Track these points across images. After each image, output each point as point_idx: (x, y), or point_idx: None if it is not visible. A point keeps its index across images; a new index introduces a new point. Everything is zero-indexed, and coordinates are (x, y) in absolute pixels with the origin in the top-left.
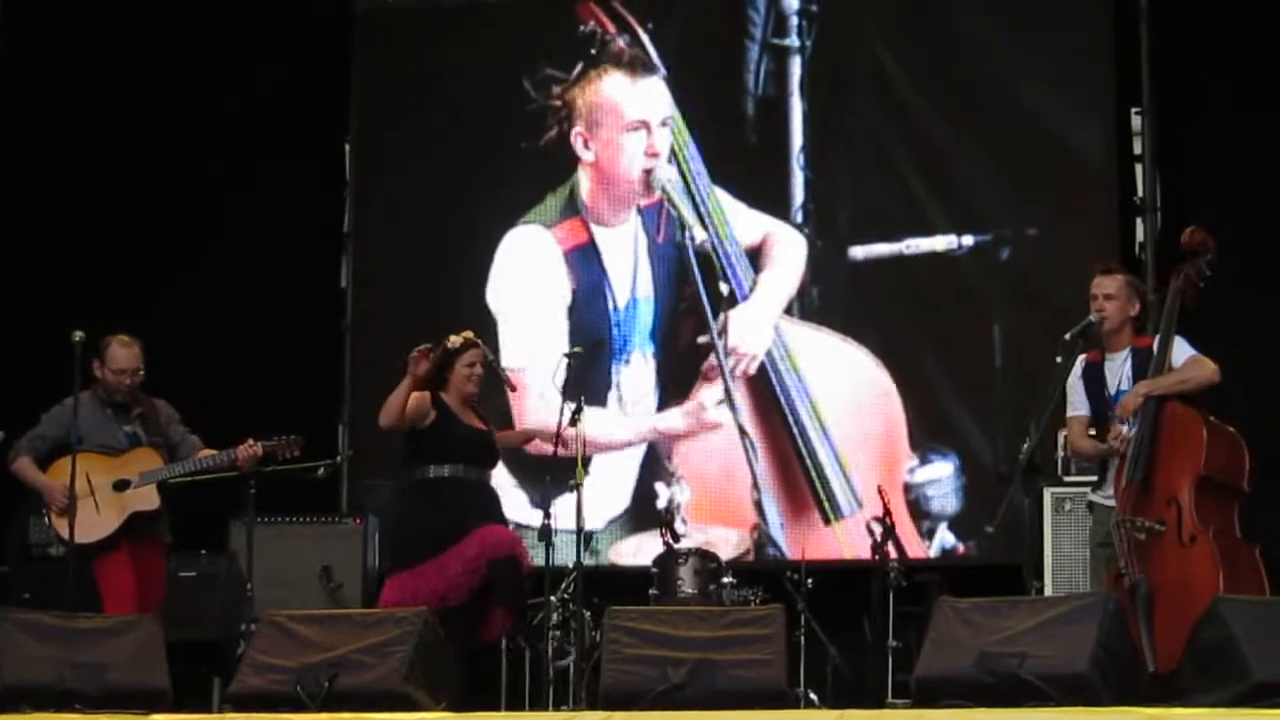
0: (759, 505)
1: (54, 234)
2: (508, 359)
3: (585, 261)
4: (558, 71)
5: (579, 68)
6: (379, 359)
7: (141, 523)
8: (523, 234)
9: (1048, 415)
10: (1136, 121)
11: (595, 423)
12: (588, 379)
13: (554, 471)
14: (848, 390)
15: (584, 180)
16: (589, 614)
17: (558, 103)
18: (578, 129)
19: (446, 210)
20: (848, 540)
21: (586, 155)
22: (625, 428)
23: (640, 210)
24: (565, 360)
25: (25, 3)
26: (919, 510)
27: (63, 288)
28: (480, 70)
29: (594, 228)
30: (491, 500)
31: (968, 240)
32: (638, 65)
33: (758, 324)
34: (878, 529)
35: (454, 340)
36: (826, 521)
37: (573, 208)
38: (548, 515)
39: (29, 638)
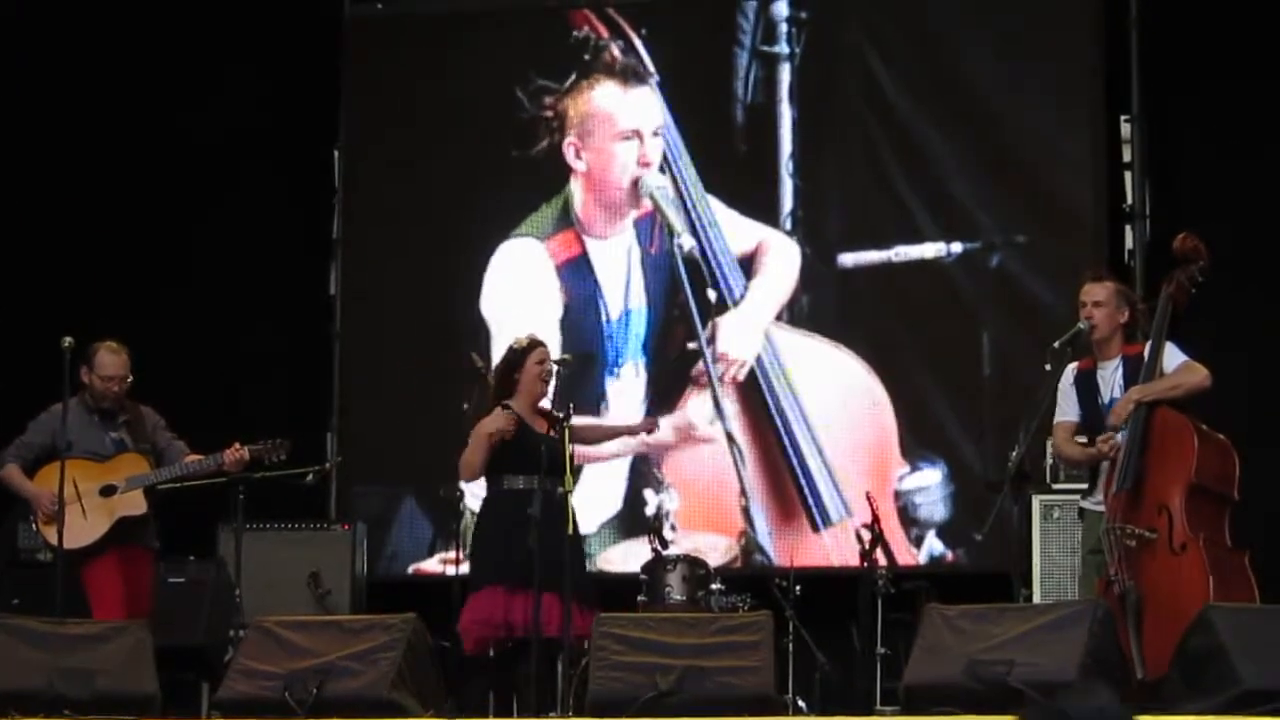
0: (747, 512)
1: (42, 241)
2: None
3: (578, 274)
4: (550, 82)
5: (571, 78)
6: (368, 366)
7: (129, 528)
8: (516, 247)
9: (1037, 423)
10: (1126, 129)
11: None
12: (578, 390)
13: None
14: (838, 397)
15: (577, 192)
16: None
17: (549, 113)
18: (570, 139)
19: (436, 218)
20: (837, 547)
21: (579, 165)
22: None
23: (635, 222)
24: (555, 368)
25: (13, 10)
26: (908, 517)
27: (51, 295)
28: (472, 78)
29: (587, 240)
30: (563, 520)
31: (957, 247)
32: (629, 74)
33: (748, 330)
34: (866, 536)
35: (520, 340)
36: (815, 528)
37: (566, 220)
38: (537, 522)
39: (18, 643)
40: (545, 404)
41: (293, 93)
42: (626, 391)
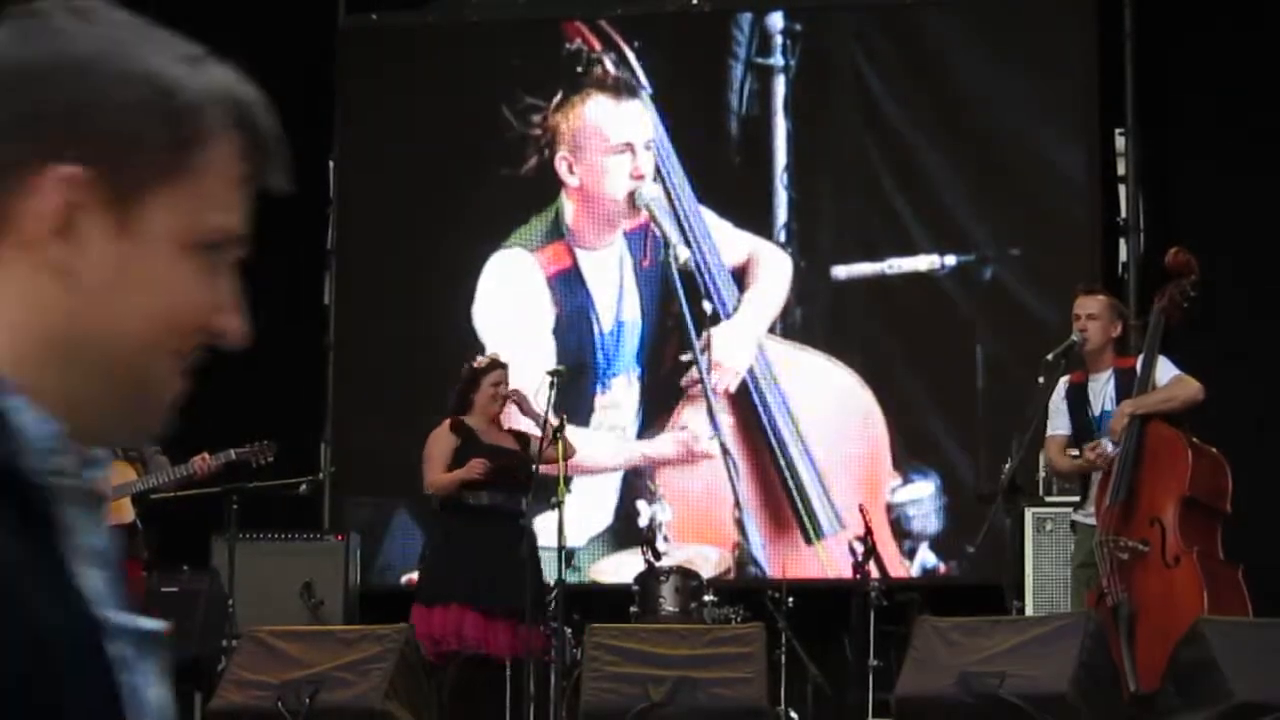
0: (740, 524)
1: None
2: None
3: (568, 286)
4: (539, 99)
5: (560, 94)
6: (362, 377)
7: (118, 538)
8: (506, 258)
9: (1030, 435)
10: (1120, 142)
11: (582, 446)
12: (570, 401)
13: (536, 489)
14: (830, 409)
15: (568, 205)
16: (570, 631)
17: (538, 131)
18: (561, 154)
19: (430, 228)
20: (829, 559)
21: (571, 180)
22: (613, 452)
23: (626, 234)
24: (549, 379)
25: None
26: (900, 530)
27: None
28: (465, 88)
29: (578, 252)
30: (521, 540)
31: (950, 260)
32: (621, 88)
33: (741, 341)
34: (859, 548)
35: (480, 360)
36: (808, 540)
37: (556, 232)
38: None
39: None
40: (528, 421)
41: (287, 104)
42: (620, 402)
